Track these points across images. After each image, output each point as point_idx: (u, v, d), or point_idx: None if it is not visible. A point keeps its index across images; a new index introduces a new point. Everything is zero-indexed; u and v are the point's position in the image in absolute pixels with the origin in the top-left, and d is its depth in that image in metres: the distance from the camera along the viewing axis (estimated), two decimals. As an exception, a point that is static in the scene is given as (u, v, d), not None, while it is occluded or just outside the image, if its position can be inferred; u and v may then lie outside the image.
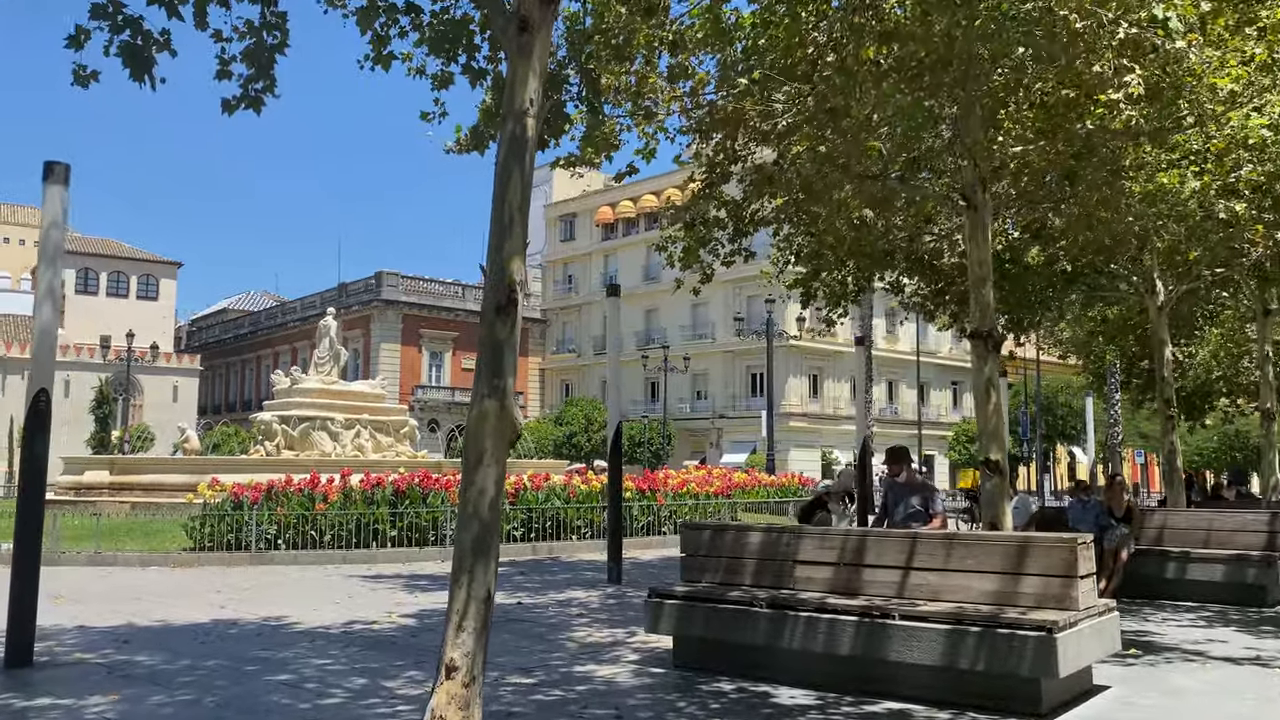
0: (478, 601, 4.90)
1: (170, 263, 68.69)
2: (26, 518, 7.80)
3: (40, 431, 7.86)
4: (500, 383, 5.09)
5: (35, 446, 7.84)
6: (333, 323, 29.23)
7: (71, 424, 55.71)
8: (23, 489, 7.80)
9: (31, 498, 7.84)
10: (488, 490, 5.00)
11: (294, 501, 16.59)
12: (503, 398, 5.08)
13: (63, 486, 25.05)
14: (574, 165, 12.17)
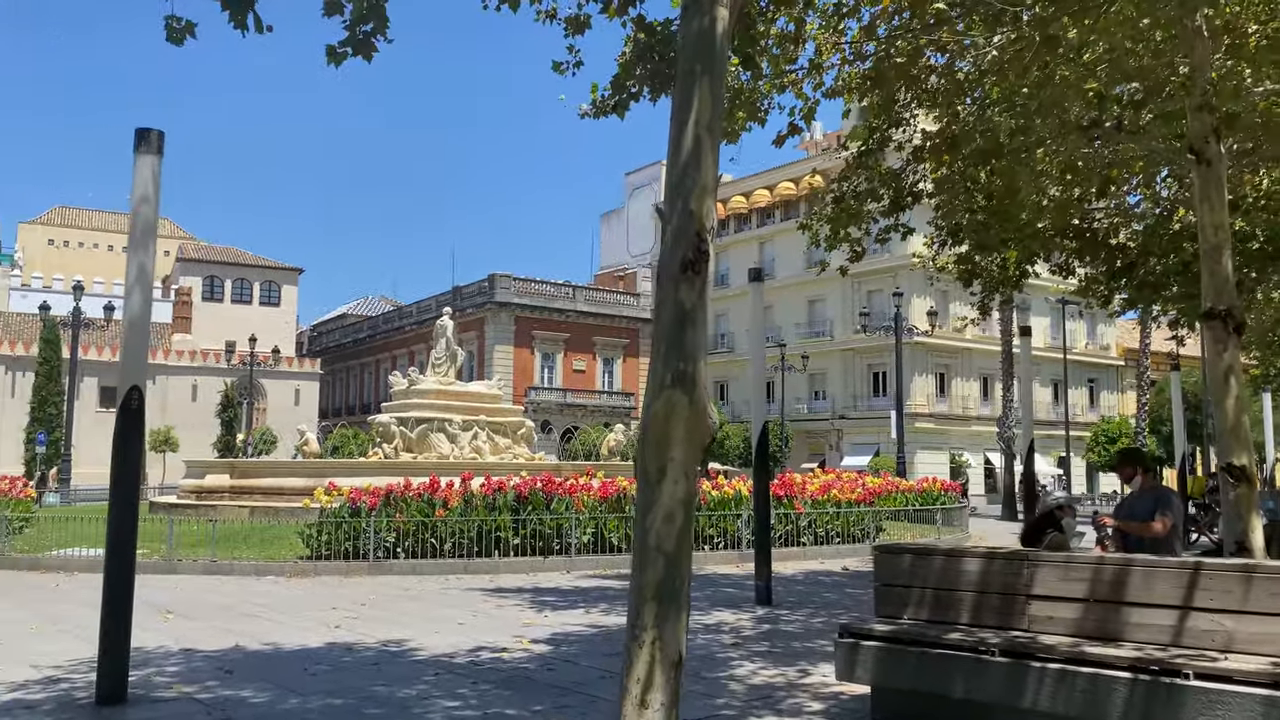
0: (666, 667, 3.54)
1: (291, 269, 70.10)
2: (119, 535, 6.84)
3: (133, 433, 6.89)
4: (688, 368, 3.75)
5: (128, 451, 6.86)
6: (449, 323, 28.58)
7: (199, 428, 57.25)
8: (114, 502, 6.84)
9: (124, 513, 6.87)
10: (675, 515, 3.66)
11: (413, 507, 15.68)
12: (692, 388, 3.74)
13: (185, 490, 24.97)
14: (715, 138, 10.74)
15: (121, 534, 6.80)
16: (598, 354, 63.34)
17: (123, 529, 6.81)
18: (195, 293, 64.94)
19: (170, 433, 54.89)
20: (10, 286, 62.86)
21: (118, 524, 6.84)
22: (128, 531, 6.84)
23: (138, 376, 6.94)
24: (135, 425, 6.87)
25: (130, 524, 6.88)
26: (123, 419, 6.86)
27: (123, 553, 6.83)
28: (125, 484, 6.85)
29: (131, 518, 6.89)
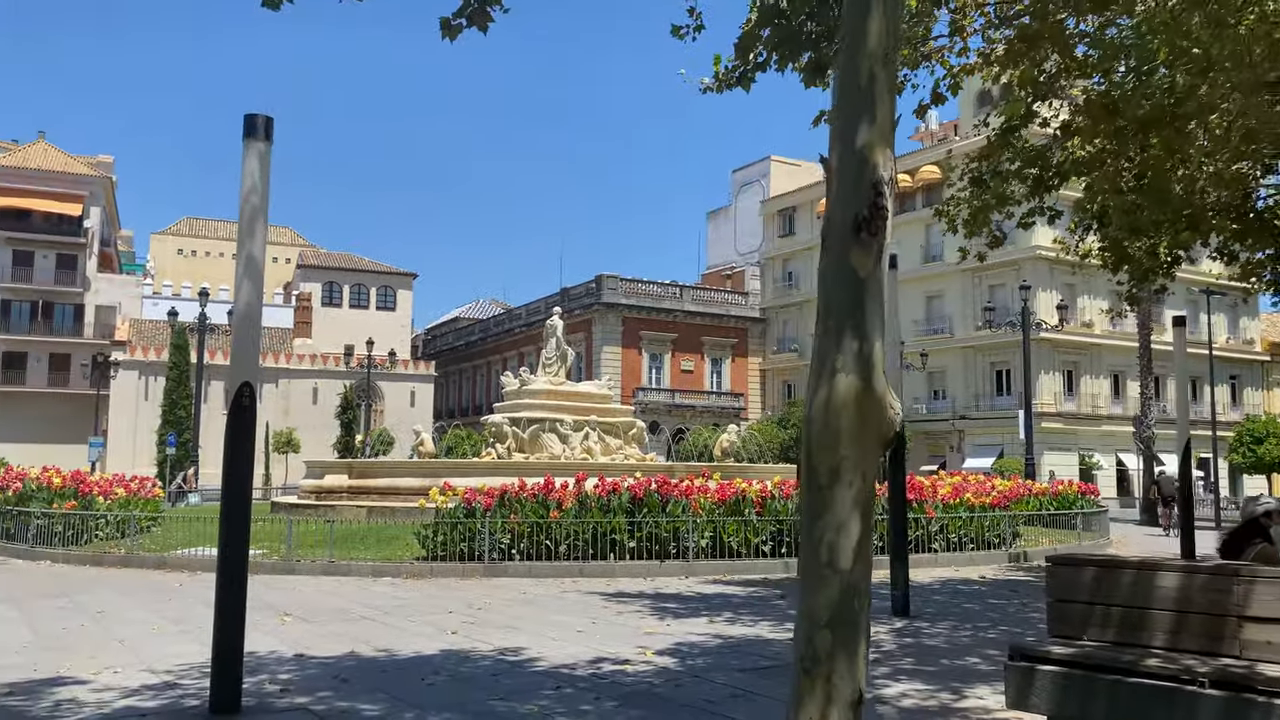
0: (842, 707, 2.93)
1: (406, 274, 71.60)
2: (231, 537, 6.55)
3: (244, 431, 6.60)
4: (865, 347, 3.11)
5: (238, 449, 6.57)
6: (559, 322, 28.38)
7: (320, 429, 58.89)
8: (226, 502, 6.56)
9: (235, 514, 6.57)
10: (850, 525, 3.04)
11: (527, 508, 15.35)
12: (868, 370, 3.10)
13: (305, 490, 25.36)
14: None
15: (233, 536, 6.51)
16: (706, 354, 62.70)
17: (234, 531, 6.52)
18: (315, 298, 66.88)
19: (292, 434, 56.52)
20: (143, 295, 65.87)
21: (230, 526, 6.56)
22: (239, 533, 6.56)
23: (249, 372, 6.64)
24: (247, 423, 6.58)
25: (242, 525, 6.59)
26: (234, 417, 6.58)
27: (235, 555, 6.55)
28: (237, 483, 6.57)
29: (243, 519, 6.60)
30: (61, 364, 62.94)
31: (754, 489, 16.30)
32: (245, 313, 6.74)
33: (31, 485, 18.50)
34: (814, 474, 3.12)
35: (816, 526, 3.09)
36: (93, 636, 9.42)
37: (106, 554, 16.22)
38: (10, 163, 64.24)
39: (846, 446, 3.08)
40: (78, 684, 7.28)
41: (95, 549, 16.63)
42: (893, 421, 3.15)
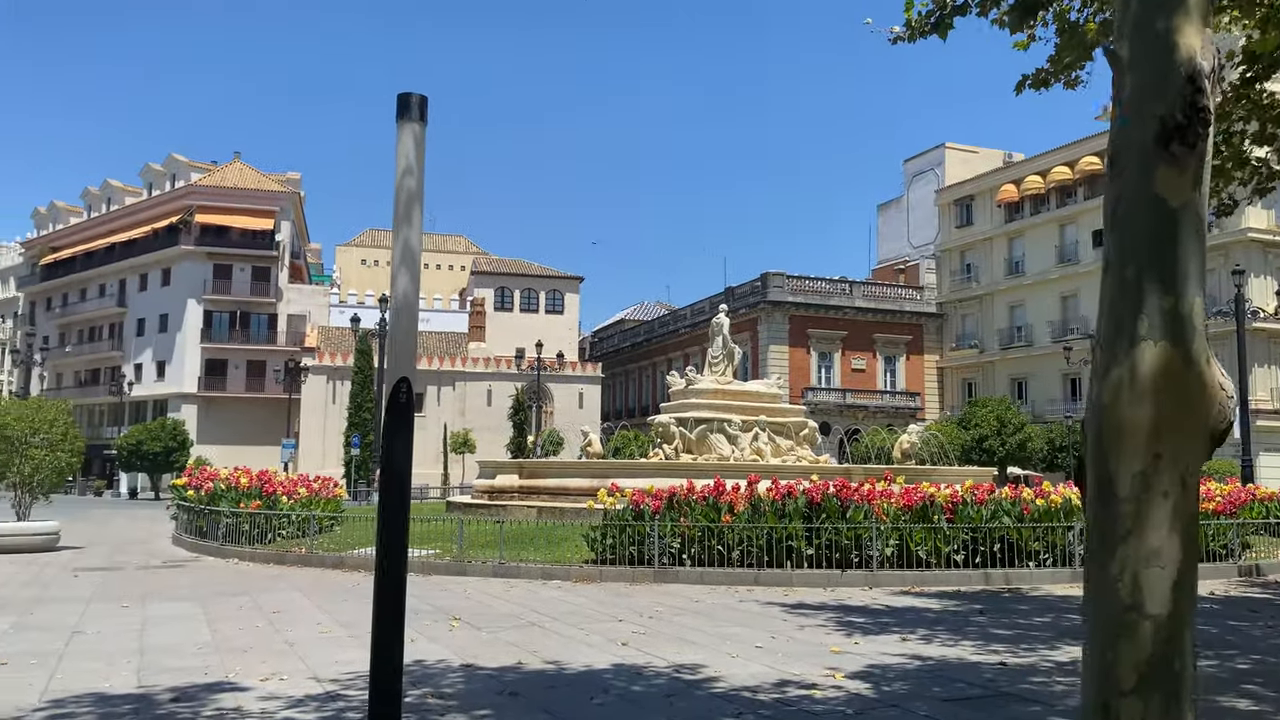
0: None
1: (573, 278, 72.58)
2: (390, 545, 6.08)
3: (402, 430, 6.13)
4: (1180, 305, 2.23)
5: (396, 449, 6.11)
6: (725, 320, 27.66)
7: (494, 430, 60.31)
8: (384, 507, 6.12)
9: (394, 519, 6.10)
10: (1167, 552, 2.16)
11: (697, 511, 14.69)
12: (1187, 337, 2.21)
13: (478, 490, 25.62)
14: (1043, 84, 8.83)
15: (392, 541, 6.05)
16: (878, 352, 60.55)
17: (393, 535, 6.06)
18: (488, 303, 68.65)
19: (468, 435, 58.08)
20: (330, 304, 69.32)
21: (389, 530, 6.11)
22: (398, 538, 6.09)
23: (407, 368, 6.17)
24: (404, 421, 6.10)
25: (400, 529, 6.12)
26: (392, 414, 6.12)
27: (393, 563, 6.09)
28: (395, 484, 6.11)
29: (402, 522, 6.14)
30: (257, 370, 67.03)
31: (943, 493, 15.07)
32: (402, 305, 6.28)
33: (221, 485, 19.25)
34: (1109, 482, 2.27)
35: (1116, 553, 2.24)
36: (265, 639, 9.35)
37: (288, 553, 16.60)
38: (210, 183, 68.96)
39: (1159, 442, 2.21)
40: (242, 691, 7.08)
41: (278, 548, 17.08)
42: (1224, 407, 2.25)
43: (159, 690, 7.09)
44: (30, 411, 19.20)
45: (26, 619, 10.48)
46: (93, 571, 15.34)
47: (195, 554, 18.41)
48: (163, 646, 8.86)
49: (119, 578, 14.59)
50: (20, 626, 9.96)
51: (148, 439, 58.65)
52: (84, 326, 75.96)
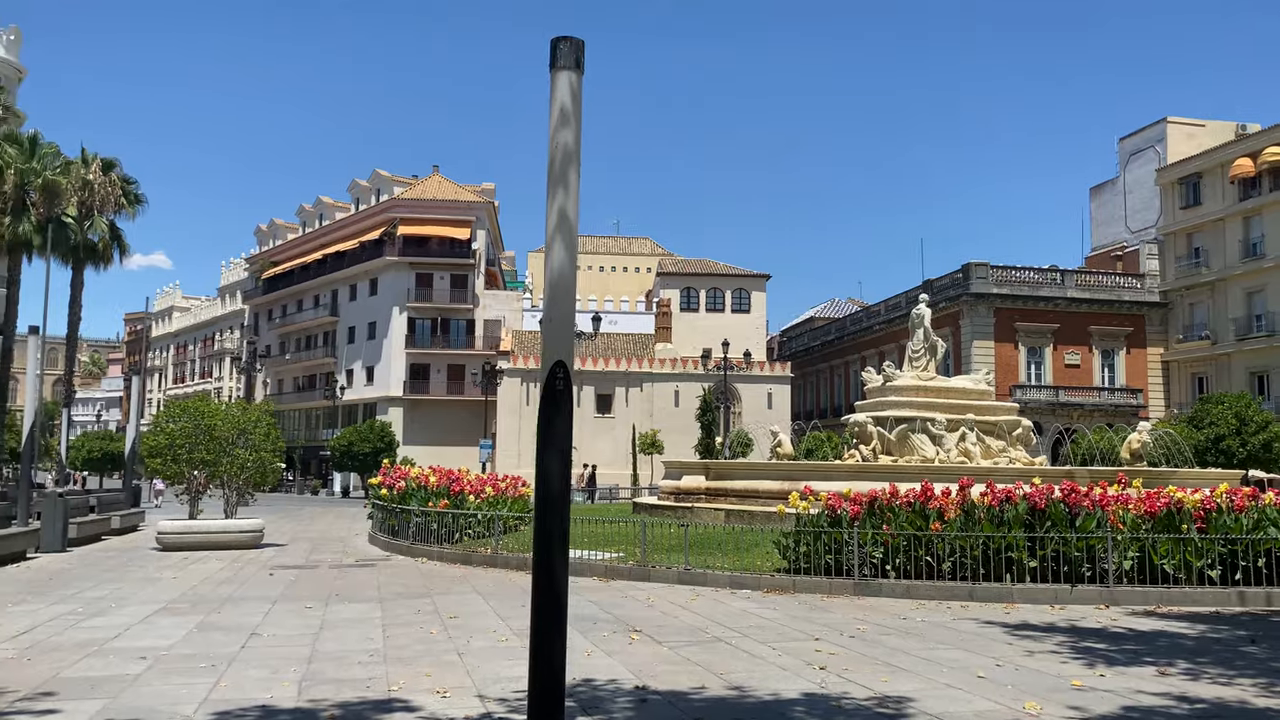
0: None
1: (759, 275, 71.23)
2: (547, 547, 5.31)
3: (557, 419, 5.33)
4: None
5: (552, 441, 5.32)
6: (925, 311, 25.78)
7: (681, 431, 59.82)
8: (540, 508, 5.33)
9: (550, 522, 5.32)
10: None
11: (901, 517, 13.32)
12: None
13: (664, 491, 24.92)
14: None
15: (546, 547, 5.26)
16: (1094, 346, 56.00)
17: (548, 542, 5.27)
18: (674, 304, 68.36)
19: (656, 436, 57.87)
20: (523, 308, 70.96)
21: (544, 536, 5.32)
22: (556, 542, 5.29)
23: (563, 350, 5.37)
24: (561, 409, 5.30)
25: (558, 533, 5.32)
26: (547, 403, 5.34)
27: (550, 568, 5.29)
28: (552, 482, 5.31)
29: (559, 525, 5.33)
30: (457, 374, 69.39)
31: (1192, 499, 13.04)
32: (558, 280, 5.47)
33: (412, 484, 19.34)
34: None
35: None
36: (436, 648, 8.83)
37: (474, 553, 16.36)
38: (411, 196, 72.06)
39: None
40: (405, 710, 6.49)
41: (464, 548, 16.89)
42: None
43: (318, 705, 6.60)
44: (236, 413, 19.95)
45: (212, 618, 10.45)
46: (287, 569, 15.57)
47: (388, 553, 18.55)
48: (332, 654, 8.48)
49: (310, 576, 14.69)
50: (204, 627, 9.89)
51: (357, 440, 61.70)
52: (301, 335, 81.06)
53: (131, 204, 43.86)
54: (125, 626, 9.84)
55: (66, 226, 38.70)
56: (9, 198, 36.20)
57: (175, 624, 10.04)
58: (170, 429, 19.29)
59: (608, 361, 63.48)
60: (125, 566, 15.93)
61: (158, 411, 22.43)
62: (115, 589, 12.98)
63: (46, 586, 13.22)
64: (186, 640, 9.08)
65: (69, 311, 42.59)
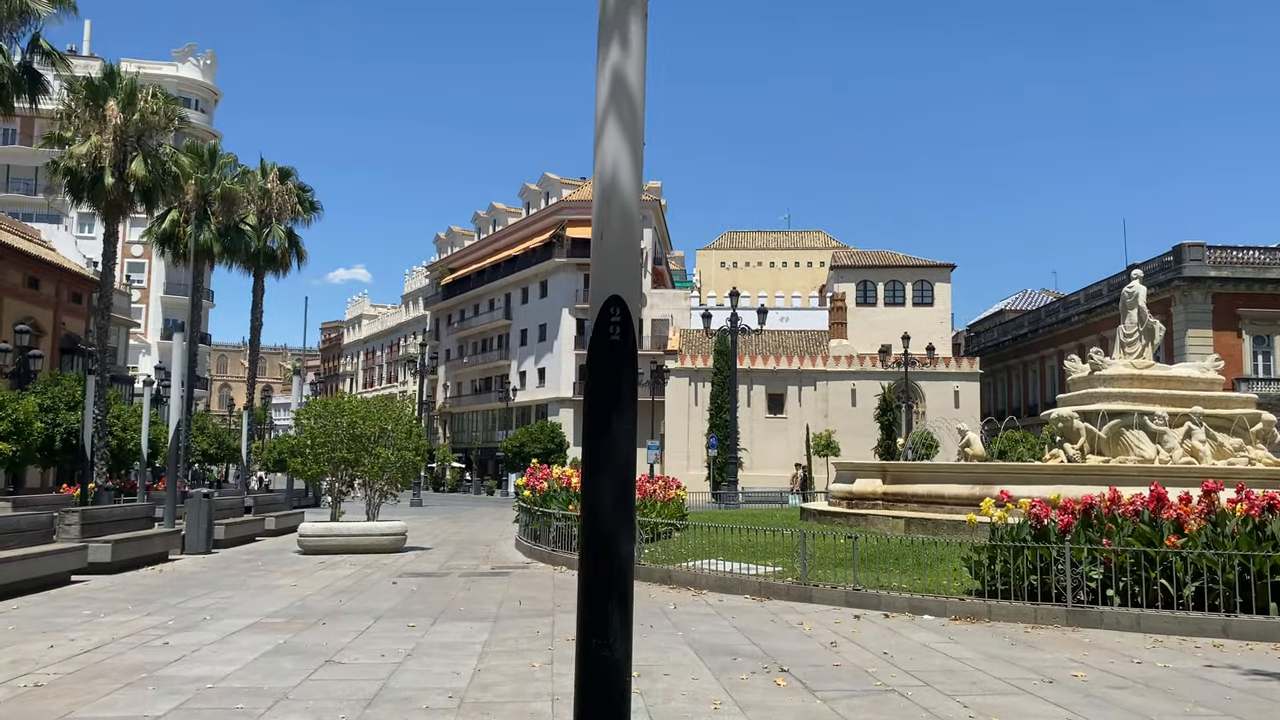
0: None
1: (943, 265, 66.97)
2: (596, 560, 3.48)
3: (613, 376, 3.53)
4: None
5: (604, 407, 3.50)
6: (1139, 289, 22.36)
7: (859, 432, 56.72)
8: (588, 502, 3.48)
9: (604, 523, 3.51)
10: None
11: (1125, 530, 10.70)
12: None
13: (835, 496, 22.59)
14: None
15: (602, 554, 3.44)
16: (1336, 332, 49.16)
17: (602, 547, 3.45)
18: (849, 298, 65.15)
19: (831, 437, 55.03)
20: (690, 307, 69.42)
21: (594, 543, 3.48)
22: (611, 550, 3.45)
23: (620, 280, 3.54)
24: (618, 362, 3.48)
25: (614, 537, 3.46)
26: (597, 352, 3.52)
27: (601, 593, 3.46)
28: (605, 464, 3.49)
29: (620, 526, 3.46)
30: (626, 375, 68.64)
31: None
32: (613, 181, 3.61)
33: (554, 485, 17.92)
34: None
35: None
36: (529, 690, 7.13)
37: (614, 563, 14.66)
38: (578, 197, 71.89)
39: None
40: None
41: (605, 556, 15.23)
42: None
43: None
44: (377, 410, 19.11)
45: (300, 638, 9.16)
46: (414, 578, 14.37)
47: (529, 560, 17.19)
48: (401, 693, 6.92)
49: (434, 586, 13.39)
50: (282, 650, 8.57)
51: (528, 441, 61.85)
52: (477, 339, 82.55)
53: (307, 211, 45.07)
54: (197, 646, 8.66)
55: (244, 234, 39.95)
56: (190, 207, 37.56)
57: (253, 644, 8.78)
58: (310, 427, 18.64)
59: (779, 359, 61.04)
60: (254, 572, 15.16)
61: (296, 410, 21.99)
62: (225, 598, 12.04)
63: (158, 594, 12.45)
64: (249, 667, 7.75)
65: (251, 317, 44.13)
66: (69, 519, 14.47)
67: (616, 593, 3.42)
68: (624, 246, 3.58)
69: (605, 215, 3.58)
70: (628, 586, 3.44)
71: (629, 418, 3.51)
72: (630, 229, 3.59)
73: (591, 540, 3.46)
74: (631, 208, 3.59)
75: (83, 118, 29.77)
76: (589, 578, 3.45)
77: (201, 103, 73.54)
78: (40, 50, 25.04)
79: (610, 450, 3.45)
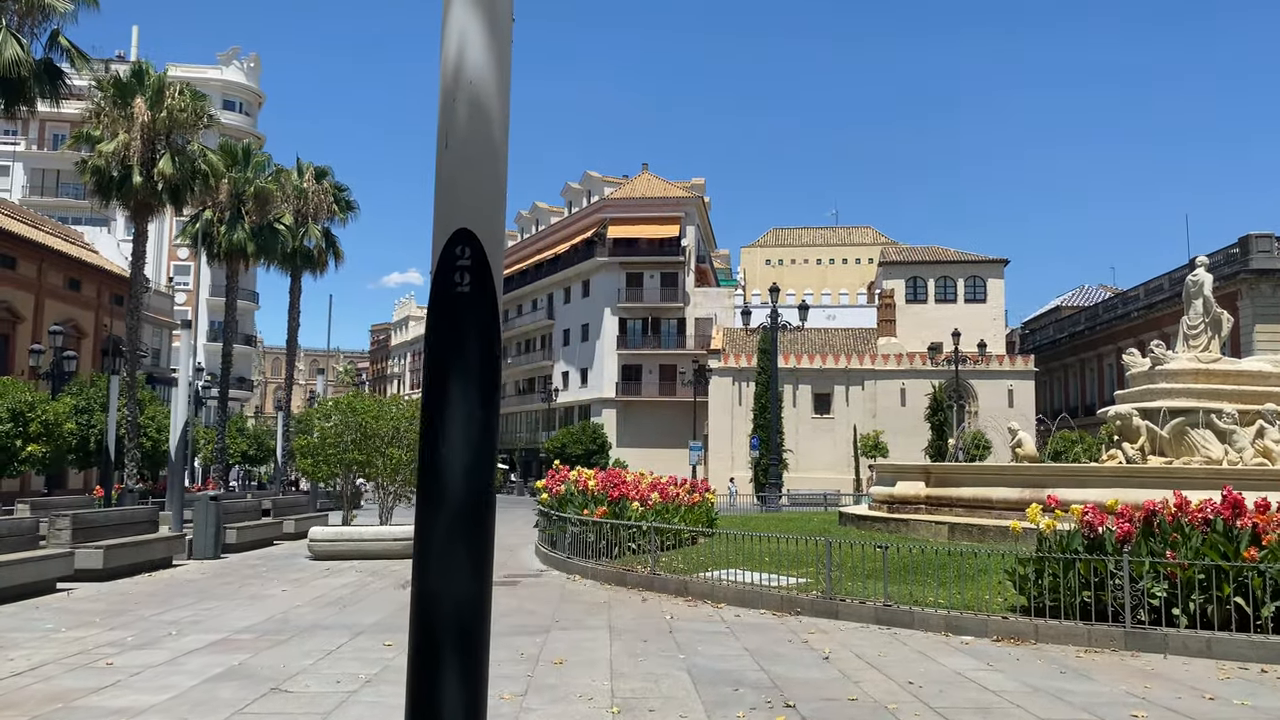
0: None
1: (996, 261, 64.91)
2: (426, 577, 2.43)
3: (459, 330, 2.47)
4: None
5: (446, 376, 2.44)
6: (1206, 277, 20.75)
7: (908, 433, 55.02)
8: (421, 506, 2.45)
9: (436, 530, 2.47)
10: None
11: (1194, 540, 9.44)
12: None
13: (876, 499, 21.32)
14: None
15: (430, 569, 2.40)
16: None
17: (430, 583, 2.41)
18: (898, 295, 63.39)
19: (879, 437, 53.46)
20: (735, 305, 68.09)
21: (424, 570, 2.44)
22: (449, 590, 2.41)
23: (471, 211, 2.49)
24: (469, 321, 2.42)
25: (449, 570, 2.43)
26: (437, 310, 2.47)
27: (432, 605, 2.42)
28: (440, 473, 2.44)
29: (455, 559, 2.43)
30: (669, 374, 67.52)
31: None
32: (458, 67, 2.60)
33: (571, 487, 16.95)
34: None
35: None
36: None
37: (629, 572, 13.65)
38: (620, 195, 70.99)
39: None
40: None
41: (620, 565, 14.22)
42: None
43: None
44: (390, 410, 18.31)
45: (254, 660, 8.27)
46: (417, 586, 13.47)
47: (545, 567, 16.24)
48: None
49: (434, 596, 12.47)
50: (228, 675, 7.68)
51: (570, 442, 61.07)
52: (521, 339, 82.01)
53: (343, 211, 44.66)
54: (140, 670, 7.81)
55: (279, 234, 39.60)
56: (225, 206, 37.29)
57: (203, 666, 7.92)
58: (322, 427, 17.89)
59: (825, 358, 59.52)
60: (252, 580, 14.40)
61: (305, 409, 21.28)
62: (207, 609, 11.25)
63: (139, 604, 11.70)
64: (181, 697, 6.88)
65: (288, 317, 43.82)
66: (60, 523, 13.83)
67: (456, 660, 2.39)
68: (479, 158, 2.56)
69: (451, 114, 2.55)
70: (475, 656, 2.41)
71: (482, 403, 2.49)
72: (489, 135, 2.56)
73: (421, 580, 2.45)
74: (490, 102, 2.55)
75: (111, 116, 29.49)
76: (417, 640, 2.44)
77: (245, 105, 73.94)
78: (60, 46, 24.67)
79: (448, 457, 2.43)
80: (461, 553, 2.40)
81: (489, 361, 2.48)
